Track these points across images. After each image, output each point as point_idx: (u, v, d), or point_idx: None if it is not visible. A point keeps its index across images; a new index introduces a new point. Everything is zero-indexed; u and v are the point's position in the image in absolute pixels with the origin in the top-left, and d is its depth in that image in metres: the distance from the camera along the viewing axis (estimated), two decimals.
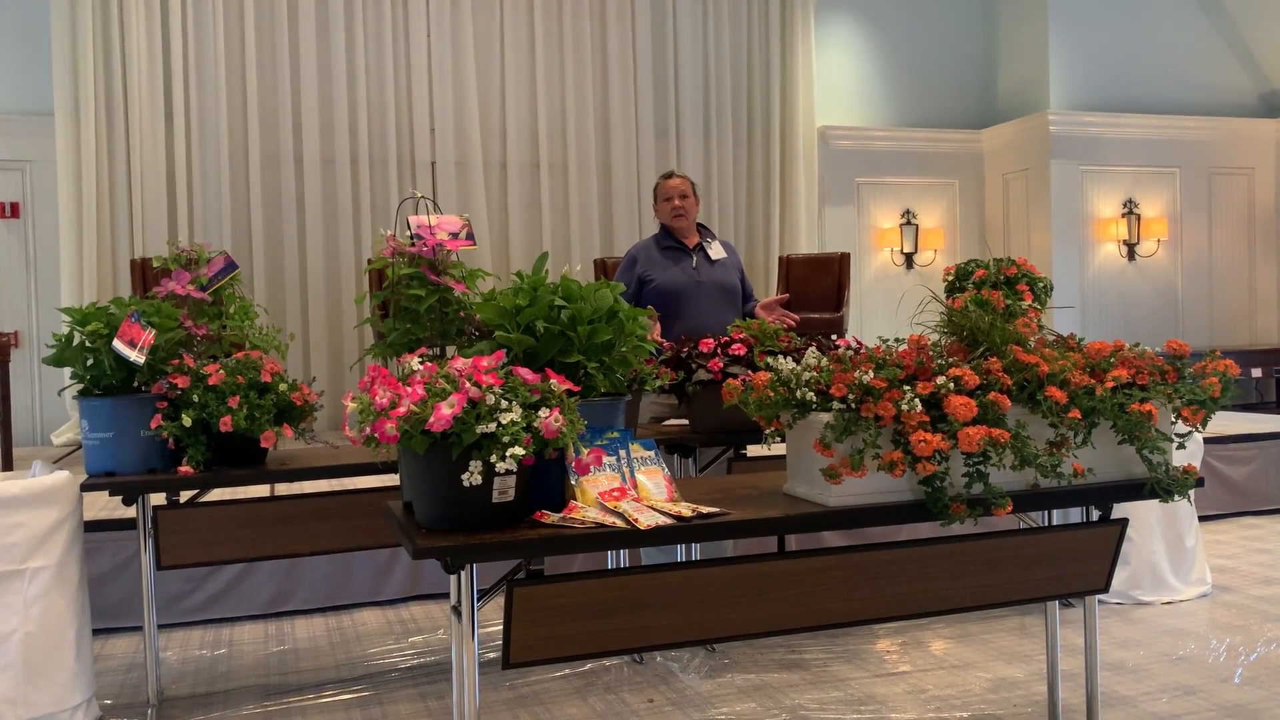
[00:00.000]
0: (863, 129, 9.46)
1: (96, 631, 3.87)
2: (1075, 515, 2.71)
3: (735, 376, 2.98)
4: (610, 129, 8.44)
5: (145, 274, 6.38)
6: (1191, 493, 2.49)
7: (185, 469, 3.00)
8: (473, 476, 2.00)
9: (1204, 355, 2.53)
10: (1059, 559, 2.55)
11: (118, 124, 7.34)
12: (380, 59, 7.90)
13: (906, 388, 2.24)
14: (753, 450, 3.70)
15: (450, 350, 3.12)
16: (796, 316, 4.07)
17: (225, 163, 7.54)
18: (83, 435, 3.05)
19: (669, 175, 4.41)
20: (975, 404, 2.21)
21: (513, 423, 2.01)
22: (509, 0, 8.19)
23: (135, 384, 3.07)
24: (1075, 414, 2.31)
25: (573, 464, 2.18)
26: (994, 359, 2.35)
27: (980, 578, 2.49)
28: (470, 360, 2.13)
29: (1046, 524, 2.77)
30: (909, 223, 9.61)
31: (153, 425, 2.98)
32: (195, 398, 2.97)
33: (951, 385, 2.24)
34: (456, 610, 2.20)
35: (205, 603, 4.22)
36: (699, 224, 4.40)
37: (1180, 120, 9.61)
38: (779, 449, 2.58)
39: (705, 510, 2.22)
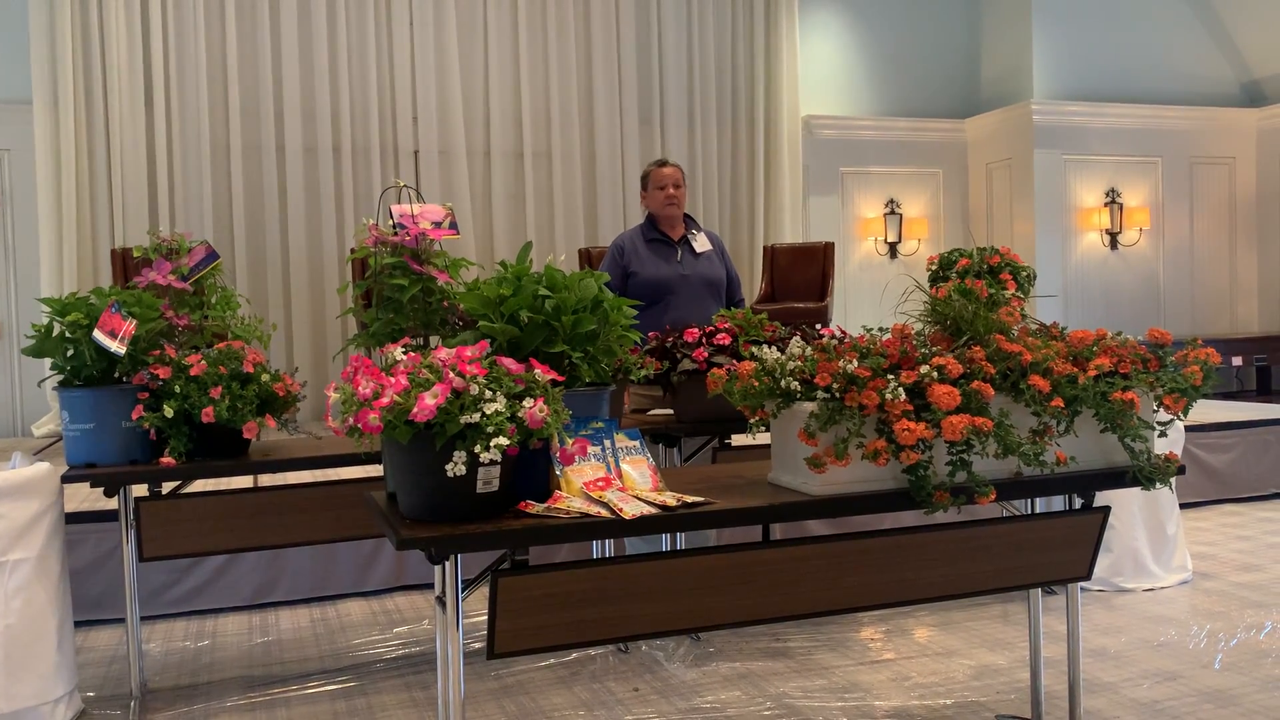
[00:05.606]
0: (846, 118, 9.46)
1: (78, 624, 3.85)
2: (1058, 503, 2.73)
3: (720, 366, 2.98)
4: (594, 118, 8.41)
5: (126, 264, 6.33)
6: (1173, 480, 2.51)
7: (167, 460, 2.98)
8: (457, 467, 1.99)
9: (1185, 344, 2.54)
10: (1042, 547, 2.57)
11: (97, 112, 7.26)
12: (363, 46, 7.85)
13: (890, 377, 2.24)
14: (737, 440, 3.70)
15: (434, 340, 3.11)
16: None
17: (206, 151, 7.48)
18: (63, 426, 3.03)
19: (662, 163, 4.33)
20: (958, 393, 2.22)
21: (497, 413, 2.00)
22: None
23: (116, 375, 3.05)
24: (1058, 402, 2.32)
25: (557, 454, 2.17)
26: (977, 348, 2.36)
27: (963, 566, 2.50)
28: (454, 350, 2.12)
29: (1029, 512, 2.78)
30: (893, 212, 9.62)
31: (134, 416, 2.96)
32: (177, 388, 2.95)
33: (935, 374, 2.25)
34: (441, 601, 2.19)
35: (188, 594, 4.21)
36: (685, 214, 4.38)
37: (1162, 110, 9.66)
38: (763, 438, 2.59)
39: (690, 500, 2.22)
